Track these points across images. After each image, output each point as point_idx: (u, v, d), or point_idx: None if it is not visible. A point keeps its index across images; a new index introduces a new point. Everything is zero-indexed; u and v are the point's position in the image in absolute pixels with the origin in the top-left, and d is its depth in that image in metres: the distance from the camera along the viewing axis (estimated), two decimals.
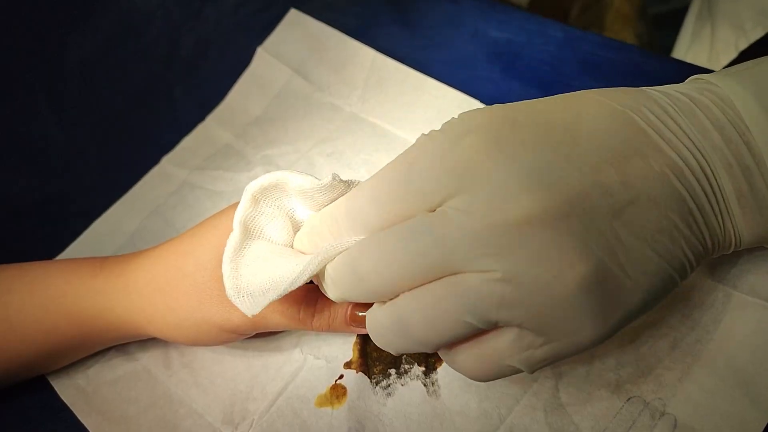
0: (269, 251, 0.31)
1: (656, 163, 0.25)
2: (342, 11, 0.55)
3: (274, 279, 0.29)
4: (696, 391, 0.31)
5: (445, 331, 0.25)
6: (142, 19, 0.54)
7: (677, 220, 0.25)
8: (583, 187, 0.24)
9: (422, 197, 0.25)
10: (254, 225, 0.31)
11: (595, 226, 0.24)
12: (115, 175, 0.48)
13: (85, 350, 0.38)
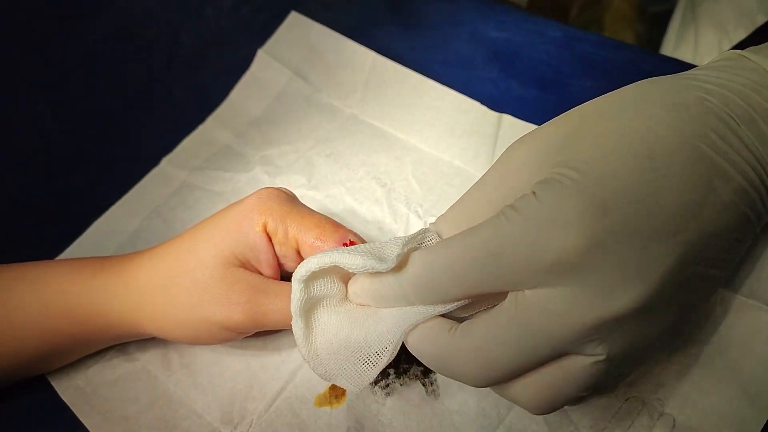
0: (337, 324, 0.30)
1: (725, 194, 0.26)
2: (341, 11, 0.55)
3: (361, 351, 0.29)
4: (694, 391, 0.31)
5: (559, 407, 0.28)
6: (142, 19, 0.54)
7: (740, 236, 0.27)
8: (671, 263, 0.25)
9: (509, 283, 0.26)
10: (311, 303, 0.30)
11: (680, 286, 0.26)
12: (115, 175, 0.48)
13: (85, 349, 0.38)
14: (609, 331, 0.25)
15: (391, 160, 0.44)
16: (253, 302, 0.33)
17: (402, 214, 0.41)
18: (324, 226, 0.34)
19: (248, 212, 0.34)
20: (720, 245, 0.26)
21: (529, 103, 0.46)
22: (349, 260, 0.27)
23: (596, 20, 1.02)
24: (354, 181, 0.44)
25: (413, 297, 0.27)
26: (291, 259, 0.35)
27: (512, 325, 0.26)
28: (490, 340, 0.26)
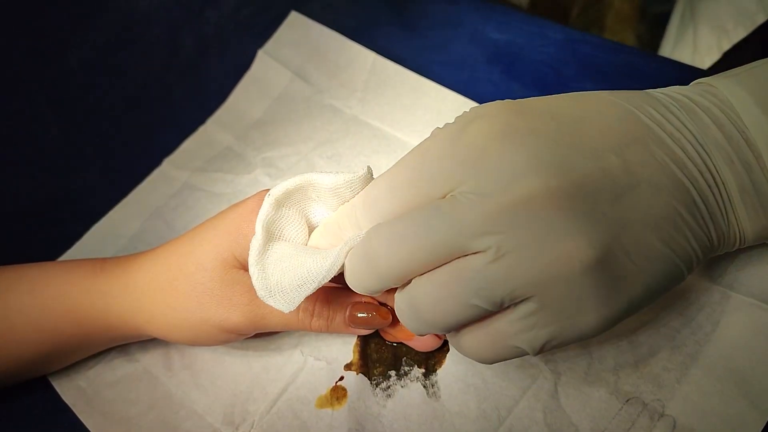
0: (293, 250, 0.31)
1: (658, 153, 0.26)
2: (341, 12, 0.55)
3: (303, 274, 0.30)
4: (694, 392, 0.31)
5: (453, 314, 0.26)
6: (143, 21, 0.54)
7: (681, 209, 0.26)
8: (587, 170, 0.25)
9: (434, 184, 0.26)
10: (275, 228, 0.32)
11: (599, 208, 0.24)
12: (115, 176, 0.48)
13: (85, 351, 0.38)
14: (508, 223, 0.24)
15: (392, 161, 0.44)
16: (252, 305, 0.33)
17: None
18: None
19: (248, 214, 0.34)
20: (657, 207, 0.25)
21: None
22: (323, 178, 0.31)
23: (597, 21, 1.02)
24: None
25: (361, 217, 0.28)
26: None
27: (423, 213, 0.26)
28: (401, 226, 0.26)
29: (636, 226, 0.25)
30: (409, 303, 0.27)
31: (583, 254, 0.24)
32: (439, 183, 0.26)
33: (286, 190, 0.31)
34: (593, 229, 0.24)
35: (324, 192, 0.31)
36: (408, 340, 0.35)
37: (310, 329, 0.35)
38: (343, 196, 0.31)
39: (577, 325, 0.25)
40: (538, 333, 0.25)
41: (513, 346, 0.26)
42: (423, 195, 0.26)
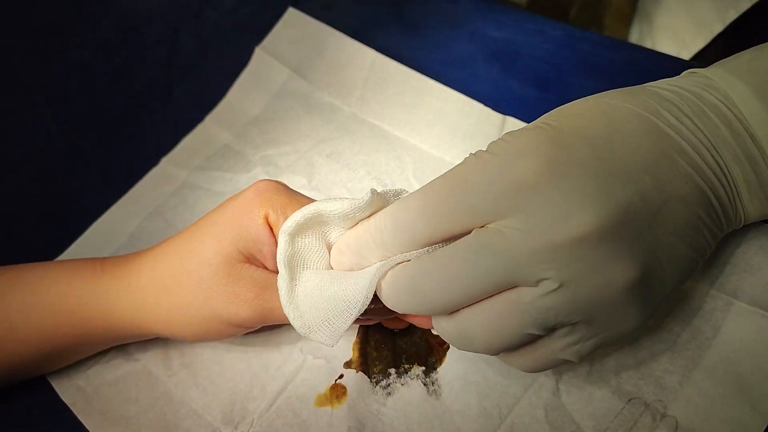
0: (319, 280, 0.31)
1: (681, 165, 0.28)
2: (341, 11, 0.55)
3: (340, 306, 0.30)
4: (696, 395, 0.31)
5: (506, 342, 0.27)
6: (142, 20, 0.53)
7: (702, 213, 0.28)
8: (627, 198, 0.26)
9: (474, 215, 0.26)
10: (296, 261, 0.32)
11: (639, 231, 0.26)
12: (114, 175, 0.48)
13: (86, 351, 0.38)
14: (562, 259, 0.25)
15: (391, 160, 0.44)
16: (260, 298, 0.33)
17: None
18: None
19: (248, 206, 0.34)
20: (684, 217, 0.27)
21: (530, 102, 0.46)
22: (330, 206, 0.30)
23: (596, 19, 1.02)
24: (355, 181, 0.44)
25: (389, 240, 0.29)
26: None
27: (471, 248, 0.26)
28: (450, 261, 0.27)
29: (667, 238, 0.27)
30: (461, 332, 0.28)
31: (627, 277, 0.26)
32: (481, 214, 0.26)
33: (296, 223, 0.31)
34: (635, 253, 0.26)
35: (337, 219, 0.31)
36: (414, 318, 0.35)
37: None
38: (355, 218, 0.31)
39: (618, 331, 0.27)
40: (585, 345, 0.27)
41: (562, 359, 0.28)
42: (461, 225, 0.27)
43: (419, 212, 0.28)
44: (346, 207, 0.30)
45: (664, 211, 0.27)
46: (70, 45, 0.50)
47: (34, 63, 0.49)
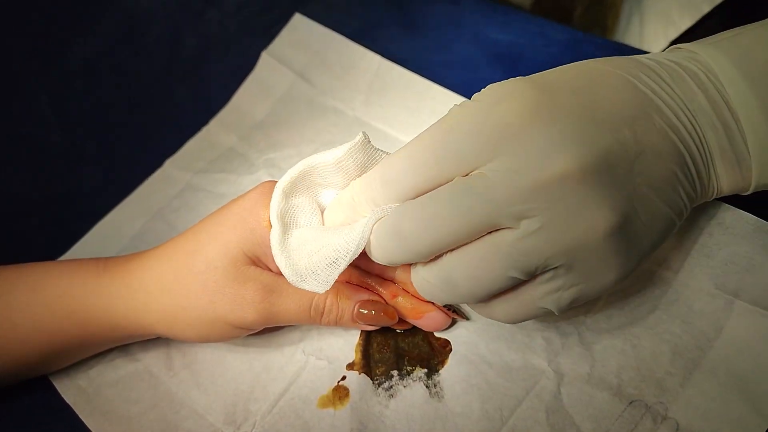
0: (312, 234, 0.32)
1: (658, 122, 0.28)
2: (344, 13, 0.55)
3: (332, 253, 0.30)
4: (697, 396, 0.31)
5: (489, 286, 0.28)
6: (144, 21, 0.54)
7: (677, 171, 0.29)
8: (608, 144, 0.27)
9: (459, 162, 0.27)
10: (289, 217, 0.33)
11: (619, 180, 0.27)
12: (117, 177, 0.48)
13: (88, 350, 0.38)
14: (543, 198, 0.25)
15: None
16: (266, 301, 0.33)
17: None
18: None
19: (252, 207, 0.34)
20: (660, 171, 0.28)
21: None
22: (324, 157, 0.32)
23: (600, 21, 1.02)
24: None
25: (378, 193, 0.29)
26: None
27: (453, 189, 0.27)
28: (432, 203, 0.27)
29: (644, 190, 0.28)
30: (443, 278, 0.28)
31: (607, 222, 0.26)
32: (466, 160, 0.27)
33: (291, 179, 0.32)
34: (615, 199, 0.26)
35: (329, 171, 0.32)
36: (417, 319, 0.35)
37: (320, 324, 0.35)
38: (348, 171, 0.31)
39: (598, 283, 0.28)
40: (564, 294, 0.28)
41: (541, 307, 0.29)
42: (447, 172, 0.27)
43: (406, 163, 0.28)
44: (339, 153, 0.31)
45: (641, 162, 0.27)
46: (72, 45, 0.50)
47: (35, 63, 0.49)
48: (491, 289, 0.28)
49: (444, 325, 0.36)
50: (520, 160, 0.26)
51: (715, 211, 0.35)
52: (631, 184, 0.27)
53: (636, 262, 0.28)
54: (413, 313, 0.35)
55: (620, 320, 0.34)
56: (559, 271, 0.27)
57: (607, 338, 0.34)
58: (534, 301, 0.28)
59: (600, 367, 0.33)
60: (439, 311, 0.35)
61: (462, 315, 0.36)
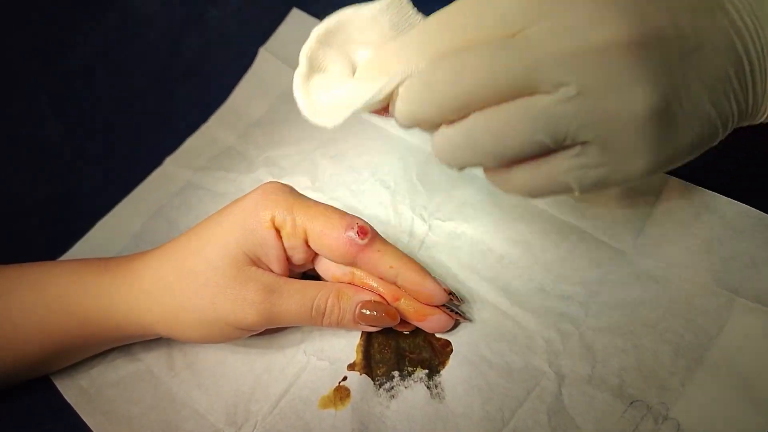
0: (339, 81, 0.31)
1: (720, 18, 0.27)
2: None
3: (351, 96, 0.29)
4: (699, 395, 0.31)
5: (514, 146, 0.26)
6: (144, 21, 0.54)
7: (732, 74, 0.27)
8: (663, 24, 0.25)
9: (502, 23, 0.25)
10: (318, 63, 0.32)
11: (668, 63, 0.25)
12: (118, 176, 0.48)
13: (89, 351, 0.38)
14: (585, 65, 0.24)
15: (395, 161, 0.44)
16: (267, 302, 0.33)
17: (407, 217, 0.41)
18: (330, 214, 0.34)
19: (254, 208, 0.34)
20: (714, 69, 0.26)
21: None
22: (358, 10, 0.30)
23: None
24: (358, 183, 0.44)
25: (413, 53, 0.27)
26: (299, 251, 0.35)
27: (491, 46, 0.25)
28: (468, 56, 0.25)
29: (695, 84, 0.26)
30: (467, 134, 0.27)
31: (648, 102, 0.25)
32: (509, 22, 0.25)
33: (326, 28, 0.31)
34: (660, 80, 0.25)
35: (366, 26, 0.30)
36: (420, 322, 0.35)
37: (321, 325, 0.35)
38: (383, 29, 0.30)
39: (626, 168, 0.26)
40: (590, 173, 0.27)
41: (563, 182, 0.27)
42: (488, 33, 0.26)
43: (446, 24, 0.27)
44: (376, 6, 0.30)
45: (696, 54, 0.26)
46: (72, 44, 0.50)
47: (35, 63, 0.49)
48: (515, 151, 0.26)
49: (447, 326, 0.36)
50: (566, 23, 0.24)
51: (716, 204, 0.35)
52: (681, 73, 0.26)
53: (669, 156, 0.27)
54: (416, 315, 0.35)
55: (621, 319, 0.34)
56: (589, 148, 0.26)
57: (608, 337, 0.34)
58: (557, 174, 0.27)
59: (601, 367, 0.33)
60: (443, 313, 0.35)
61: (464, 317, 0.36)
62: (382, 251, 0.34)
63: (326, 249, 0.34)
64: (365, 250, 0.34)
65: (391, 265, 0.34)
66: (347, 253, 0.34)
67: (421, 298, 0.35)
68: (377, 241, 0.35)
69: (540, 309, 0.36)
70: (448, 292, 0.35)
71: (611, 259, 0.36)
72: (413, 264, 0.35)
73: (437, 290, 0.34)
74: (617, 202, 0.37)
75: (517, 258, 0.38)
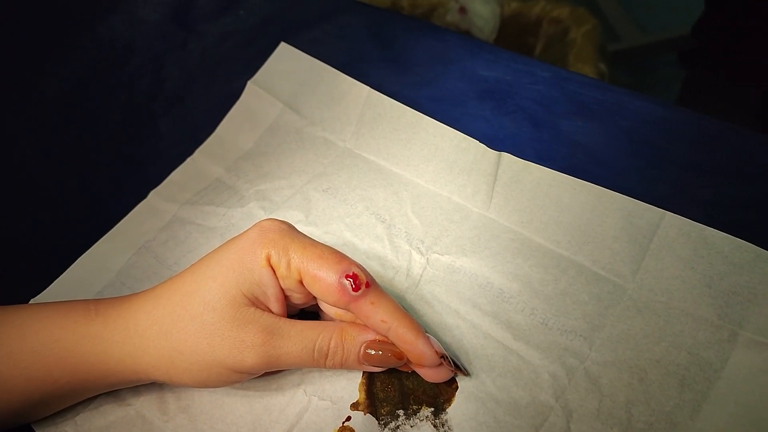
0: None
1: None
2: (328, 47, 0.55)
3: None
4: (708, 428, 0.31)
5: None
6: (123, 50, 0.52)
7: None
8: None
9: None
10: None
11: None
12: (99, 210, 0.46)
13: (76, 397, 0.36)
14: None
15: (389, 195, 0.44)
16: (267, 345, 0.32)
17: (404, 250, 0.41)
18: (327, 257, 0.33)
19: (250, 246, 0.33)
20: None
21: (523, 140, 0.46)
22: None
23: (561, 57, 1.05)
24: (353, 216, 0.43)
25: None
26: (295, 291, 0.34)
27: None
28: None
29: None
30: None
31: None
32: None
33: None
34: None
35: None
36: (418, 368, 0.35)
37: (324, 367, 0.34)
38: None
39: None
40: None
41: None
42: None
43: None
44: None
45: None
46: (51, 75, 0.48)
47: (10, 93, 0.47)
48: None
49: (445, 378, 0.35)
50: None
51: (714, 239, 0.36)
52: None
53: None
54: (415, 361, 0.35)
55: (626, 353, 0.34)
56: None
57: (613, 372, 0.34)
58: None
59: (609, 401, 0.33)
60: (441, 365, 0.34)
61: (464, 371, 0.35)
62: (375, 304, 0.33)
63: (319, 293, 0.34)
64: (358, 301, 0.33)
65: (383, 319, 0.33)
66: (339, 301, 0.33)
67: (412, 358, 0.34)
68: (372, 293, 0.33)
69: (543, 343, 0.36)
70: (440, 355, 0.34)
71: (611, 293, 0.37)
72: (407, 321, 0.34)
73: (429, 353, 0.33)
74: (614, 237, 0.38)
75: (518, 292, 0.38)
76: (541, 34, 1.14)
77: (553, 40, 1.12)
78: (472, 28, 1.17)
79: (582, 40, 1.06)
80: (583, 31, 1.08)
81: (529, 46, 1.15)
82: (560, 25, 1.12)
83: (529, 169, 0.41)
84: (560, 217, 0.40)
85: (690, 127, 0.45)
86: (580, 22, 1.10)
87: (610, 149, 0.44)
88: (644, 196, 0.39)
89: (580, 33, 1.08)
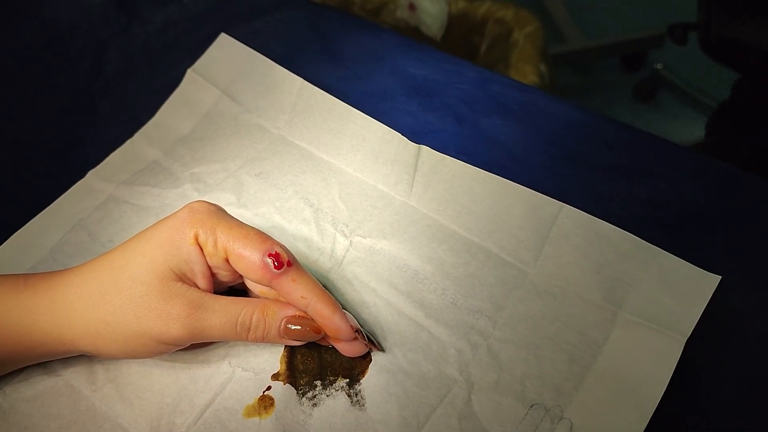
0: None
1: None
2: (269, 38, 0.57)
3: None
4: (589, 398, 0.35)
5: None
6: (65, 32, 0.53)
7: None
8: None
9: None
10: None
11: None
12: (35, 189, 0.47)
13: (6, 368, 0.37)
14: None
15: (318, 181, 0.47)
16: (192, 317, 0.34)
17: (329, 233, 0.44)
18: (251, 237, 0.35)
19: (180, 225, 0.35)
20: None
21: (445, 135, 0.50)
22: None
23: (503, 58, 1.09)
24: (283, 200, 0.46)
25: None
26: (222, 269, 0.36)
27: None
28: None
29: None
30: None
31: None
32: None
33: None
34: None
35: None
36: (336, 343, 0.38)
37: (247, 340, 0.36)
38: None
39: None
40: None
41: None
42: None
43: None
44: None
45: None
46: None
47: None
48: None
49: (360, 353, 0.38)
50: None
51: (604, 231, 0.40)
52: None
53: None
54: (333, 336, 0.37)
55: (524, 332, 0.38)
56: None
57: (512, 348, 0.37)
58: None
59: (506, 375, 0.37)
60: (356, 340, 0.37)
61: (378, 347, 0.38)
62: (296, 281, 0.36)
63: (243, 271, 0.36)
64: (279, 278, 0.35)
65: (303, 295, 0.36)
66: (262, 278, 0.35)
67: (329, 332, 0.37)
68: (293, 270, 0.36)
69: (452, 321, 0.39)
70: (355, 330, 0.37)
71: (515, 277, 0.40)
72: (325, 297, 0.36)
73: (344, 327, 0.36)
74: (519, 227, 0.42)
75: (431, 274, 0.41)
76: (486, 34, 1.18)
77: (498, 40, 1.16)
78: (420, 25, 1.20)
79: (524, 41, 1.10)
80: (526, 32, 1.12)
81: (475, 45, 1.19)
82: (504, 26, 1.16)
83: (445, 161, 0.44)
84: (472, 206, 0.43)
85: (597, 129, 0.49)
86: (523, 23, 1.14)
87: (525, 147, 0.48)
88: (551, 190, 0.42)
89: (522, 34, 1.12)
